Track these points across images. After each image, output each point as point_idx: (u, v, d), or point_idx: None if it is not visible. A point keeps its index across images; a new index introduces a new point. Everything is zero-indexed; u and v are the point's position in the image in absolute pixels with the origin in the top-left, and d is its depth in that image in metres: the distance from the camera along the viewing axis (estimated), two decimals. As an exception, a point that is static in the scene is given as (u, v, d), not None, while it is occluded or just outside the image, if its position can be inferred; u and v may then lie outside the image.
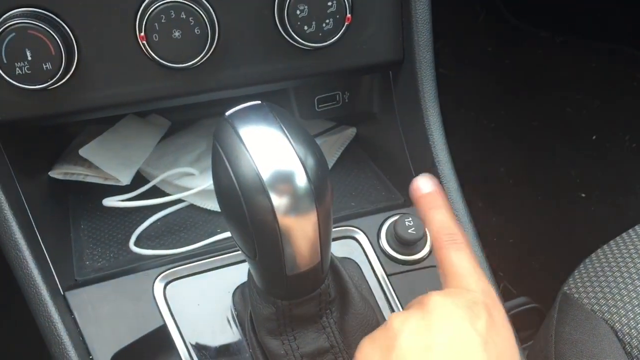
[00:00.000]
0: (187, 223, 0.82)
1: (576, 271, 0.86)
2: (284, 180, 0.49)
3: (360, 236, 0.75)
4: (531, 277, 1.48)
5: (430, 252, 0.75)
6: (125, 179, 0.84)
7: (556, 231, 1.58)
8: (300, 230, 0.51)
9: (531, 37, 1.95)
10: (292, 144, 0.50)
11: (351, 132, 0.92)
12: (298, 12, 0.67)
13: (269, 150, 0.50)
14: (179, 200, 0.84)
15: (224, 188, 0.51)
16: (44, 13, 0.64)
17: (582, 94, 1.83)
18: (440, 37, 1.90)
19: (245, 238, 0.53)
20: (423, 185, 0.66)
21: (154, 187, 0.86)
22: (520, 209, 1.62)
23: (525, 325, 1.20)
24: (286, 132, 0.51)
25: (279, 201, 0.49)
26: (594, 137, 1.75)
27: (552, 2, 1.95)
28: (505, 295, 1.45)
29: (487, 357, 0.51)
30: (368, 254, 0.74)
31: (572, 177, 1.67)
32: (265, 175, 0.49)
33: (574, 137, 1.75)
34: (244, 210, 0.50)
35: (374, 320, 0.62)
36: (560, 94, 1.84)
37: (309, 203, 0.50)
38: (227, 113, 0.53)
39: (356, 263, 0.74)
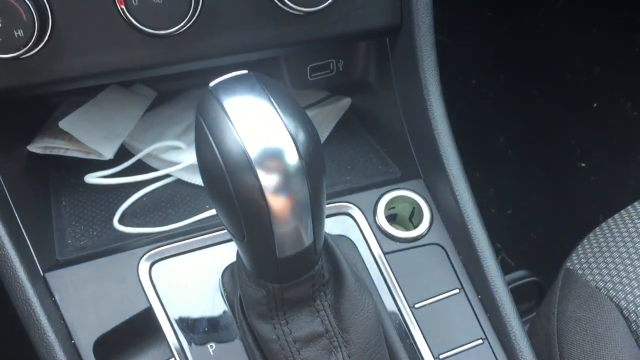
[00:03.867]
0: (174, 199, 0.78)
1: (579, 246, 0.83)
2: (272, 156, 0.46)
3: (356, 212, 0.72)
4: (530, 249, 1.46)
5: (430, 228, 0.72)
6: (108, 153, 0.80)
7: (555, 202, 1.55)
8: (291, 211, 0.48)
9: (530, 2, 1.89)
10: (281, 117, 0.46)
11: (346, 102, 0.88)
12: (288, -27, 0.63)
13: (256, 124, 0.46)
14: (166, 176, 0.80)
15: (208, 166, 0.47)
16: (13, -25, 0.59)
17: (582, 61, 1.79)
18: (438, 3, 1.84)
19: (232, 219, 0.49)
20: None
21: (140, 162, 0.82)
22: (519, 180, 1.59)
23: (524, 299, 1.18)
24: (275, 104, 0.47)
25: (267, 179, 0.46)
26: (594, 105, 1.71)
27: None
28: (503, 267, 1.42)
29: None
30: (364, 231, 0.71)
31: (572, 147, 1.63)
32: (253, 152, 0.45)
33: (574, 105, 1.71)
34: (230, 190, 0.46)
35: (370, 303, 0.59)
36: (560, 61, 1.79)
37: (300, 181, 0.47)
38: (211, 84, 0.49)
39: (351, 241, 0.70)
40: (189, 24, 0.63)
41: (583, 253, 0.81)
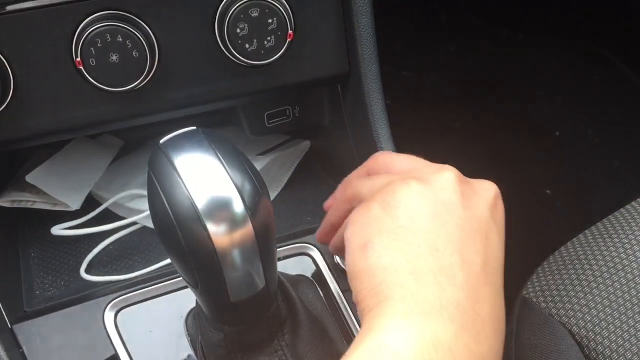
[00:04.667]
0: (139, 246, 0.81)
1: (534, 275, 0.86)
2: (219, 207, 0.49)
3: (314, 252, 0.74)
4: (499, 277, 1.48)
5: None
6: (74, 204, 0.82)
7: (523, 229, 1.59)
8: (240, 257, 0.50)
9: (492, 36, 1.96)
10: (227, 171, 0.50)
11: (305, 145, 0.91)
12: (238, 30, 0.67)
13: (204, 178, 0.49)
14: (132, 223, 0.82)
15: (159, 219, 0.50)
16: (-26, 42, 0.62)
17: (543, 90, 1.85)
18: (401, 38, 1.90)
19: (185, 268, 0.52)
20: None
21: (107, 210, 0.84)
22: (487, 209, 1.62)
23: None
24: (221, 158, 0.50)
25: (215, 229, 0.48)
26: (557, 133, 1.77)
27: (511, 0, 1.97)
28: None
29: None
30: (322, 270, 0.73)
31: (537, 174, 1.68)
32: (200, 204, 0.48)
33: (537, 133, 1.76)
34: (180, 241, 0.49)
35: (326, 340, 0.62)
36: (522, 91, 1.85)
37: (247, 229, 0.50)
38: (161, 141, 0.52)
39: (311, 280, 0.73)
40: (146, 80, 0.66)
41: (537, 281, 0.84)
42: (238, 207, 0.49)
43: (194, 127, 0.53)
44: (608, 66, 1.87)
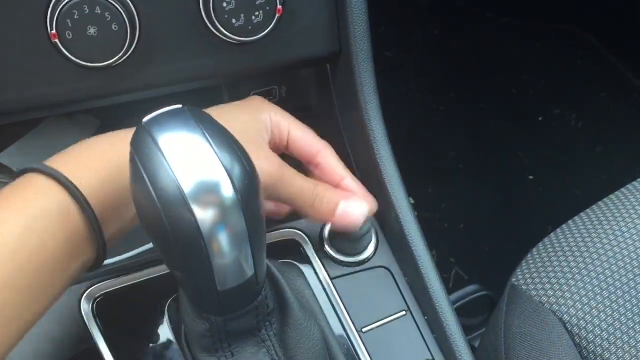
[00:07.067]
0: (118, 231, 0.77)
1: (523, 261, 0.84)
2: (207, 191, 0.45)
3: (302, 239, 0.72)
4: (482, 263, 1.48)
5: (375, 251, 0.72)
6: (49, 186, 0.78)
7: (506, 214, 1.58)
8: (229, 244, 0.47)
9: (476, 19, 1.94)
10: (215, 152, 0.46)
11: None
12: (225, 4, 0.63)
13: (190, 159, 0.46)
14: (110, 206, 0.78)
15: (142, 203, 0.47)
16: (-60, 11, 0.58)
17: (527, 75, 1.84)
18: (385, 19, 1.88)
19: (170, 255, 0.49)
20: None
21: (83, 193, 0.80)
22: (470, 194, 1.62)
23: (478, 312, 1.20)
24: (209, 138, 0.47)
25: (203, 214, 0.45)
26: (540, 118, 1.76)
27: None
28: (456, 281, 1.44)
29: None
30: (310, 257, 0.71)
31: (520, 159, 1.67)
32: (187, 187, 0.45)
33: (521, 118, 1.75)
34: (165, 226, 0.46)
35: (316, 330, 0.59)
36: (505, 75, 1.84)
37: (236, 214, 0.47)
38: (144, 120, 0.49)
39: (298, 267, 0.70)
40: (126, 55, 0.63)
41: (527, 268, 0.83)
42: (227, 190, 0.46)
43: (180, 105, 0.49)
44: (592, 51, 1.86)
